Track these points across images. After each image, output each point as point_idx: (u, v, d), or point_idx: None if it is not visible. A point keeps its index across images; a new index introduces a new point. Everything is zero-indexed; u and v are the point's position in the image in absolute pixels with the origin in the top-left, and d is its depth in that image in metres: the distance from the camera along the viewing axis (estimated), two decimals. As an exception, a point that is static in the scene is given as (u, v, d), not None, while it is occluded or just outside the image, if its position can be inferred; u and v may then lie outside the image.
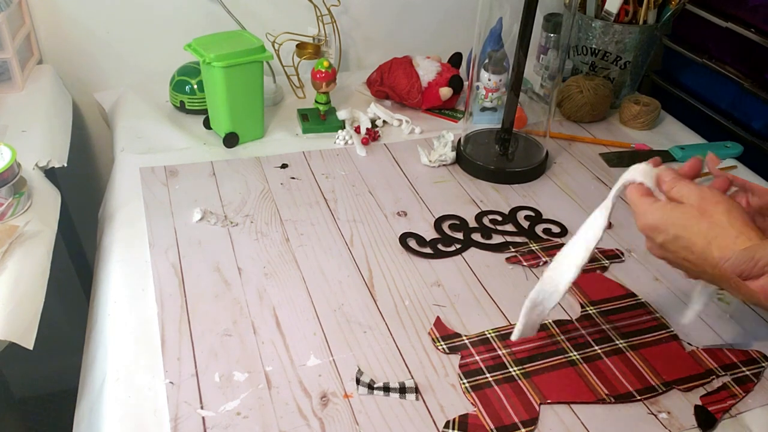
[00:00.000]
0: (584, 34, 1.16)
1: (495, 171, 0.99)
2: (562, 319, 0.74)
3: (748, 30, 1.11)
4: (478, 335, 0.71)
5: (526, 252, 0.84)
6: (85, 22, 1.14)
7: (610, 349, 0.70)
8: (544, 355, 0.69)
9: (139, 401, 0.63)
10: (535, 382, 0.66)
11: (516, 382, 0.66)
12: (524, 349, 0.70)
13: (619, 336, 0.72)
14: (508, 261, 0.82)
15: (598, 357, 0.69)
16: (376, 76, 1.17)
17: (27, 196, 0.83)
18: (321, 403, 0.63)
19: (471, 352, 0.69)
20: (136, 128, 1.07)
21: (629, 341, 0.71)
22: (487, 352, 0.69)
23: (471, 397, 0.64)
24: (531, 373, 0.67)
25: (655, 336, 0.72)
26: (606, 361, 0.69)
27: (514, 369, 0.67)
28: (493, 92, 1.06)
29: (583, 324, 0.73)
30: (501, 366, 0.68)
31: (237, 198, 0.92)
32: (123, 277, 0.78)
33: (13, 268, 0.73)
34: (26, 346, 0.69)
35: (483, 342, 0.70)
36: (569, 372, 0.67)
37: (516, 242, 0.86)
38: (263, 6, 1.20)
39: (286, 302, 0.75)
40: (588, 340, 0.71)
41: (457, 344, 0.70)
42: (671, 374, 0.67)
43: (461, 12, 1.33)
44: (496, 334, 0.71)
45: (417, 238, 0.85)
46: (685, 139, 1.12)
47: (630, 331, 0.73)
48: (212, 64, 0.94)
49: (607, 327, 0.73)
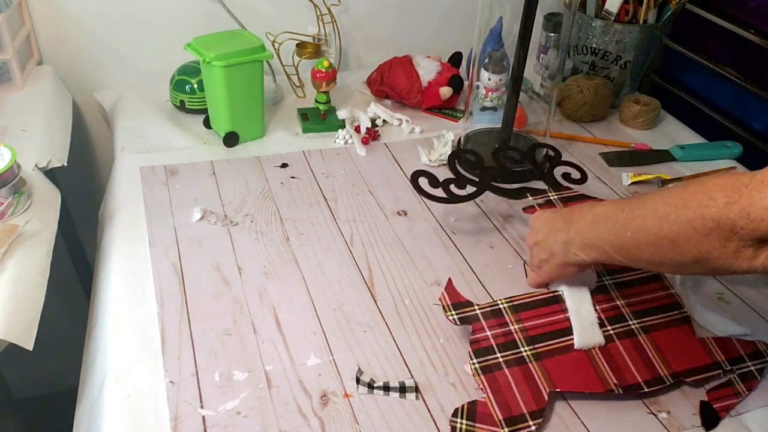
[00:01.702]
0: (584, 34, 1.15)
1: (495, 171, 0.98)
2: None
3: (747, 31, 1.11)
4: (490, 305, 0.70)
5: (543, 203, 0.81)
6: (85, 22, 1.14)
7: (623, 330, 0.69)
8: (556, 334, 0.68)
9: (139, 401, 0.63)
10: (546, 367, 0.65)
11: (526, 365, 0.65)
12: (536, 325, 0.68)
13: (633, 315, 0.71)
14: (525, 211, 0.80)
15: (610, 339, 0.68)
16: (376, 75, 1.17)
17: (27, 196, 0.83)
18: (321, 403, 0.63)
19: (482, 326, 0.68)
20: (136, 128, 1.07)
21: (642, 322, 0.70)
22: (499, 327, 0.68)
23: (480, 381, 0.64)
24: (542, 355, 0.66)
25: (669, 316, 0.71)
26: (617, 344, 0.68)
27: (525, 349, 0.66)
28: (493, 92, 1.06)
29: (598, 298, 0.71)
30: (512, 344, 0.66)
31: (237, 197, 0.92)
32: (123, 277, 0.78)
33: (13, 268, 0.73)
34: (26, 346, 0.69)
35: (495, 314, 0.69)
36: (580, 356, 0.67)
37: (534, 189, 0.83)
38: (263, 5, 1.20)
39: (286, 302, 0.75)
40: (602, 317, 0.70)
41: (469, 314, 0.68)
42: (680, 364, 0.67)
43: (461, 12, 1.33)
44: (508, 305, 0.70)
45: (429, 177, 0.80)
46: (685, 138, 1.12)
47: (644, 309, 0.71)
48: (212, 63, 0.94)
49: (622, 303, 0.71)
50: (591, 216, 0.64)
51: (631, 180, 0.99)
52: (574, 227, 0.65)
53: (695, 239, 0.51)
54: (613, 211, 0.60)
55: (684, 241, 0.52)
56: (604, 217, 0.61)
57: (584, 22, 1.14)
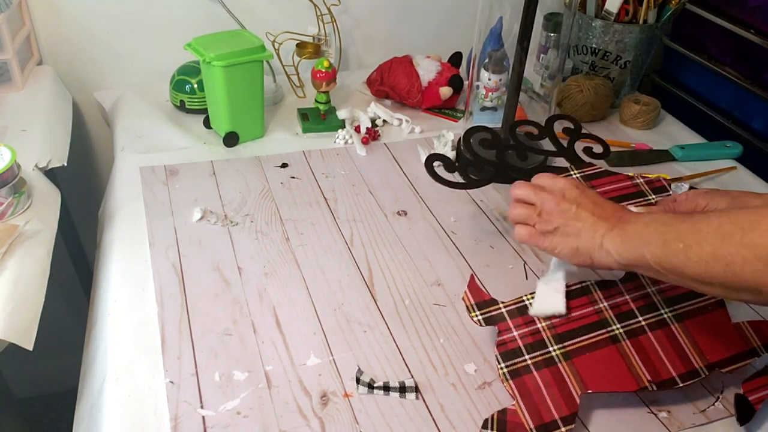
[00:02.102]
0: (584, 34, 1.16)
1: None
2: (606, 281, 0.69)
3: (747, 31, 1.11)
4: (515, 302, 0.67)
5: None
6: (85, 22, 1.14)
7: (655, 321, 0.66)
8: (586, 329, 0.65)
9: (139, 401, 0.63)
10: (576, 366, 0.63)
11: (556, 366, 0.63)
12: (563, 321, 0.65)
13: (665, 302, 0.67)
14: None
15: (642, 331, 0.65)
16: (376, 75, 1.17)
17: (27, 196, 0.83)
18: (321, 403, 0.63)
19: (509, 326, 0.65)
20: (136, 128, 1.07)
21: (675, 310, 0.67)
22: (526, 325, 0.65)
23: (509, 387, 0.62)
24: (571, 353, 0.63)
25: (703, 301, 0.68)
26: (650, 336, 0.65)
27: (555, 348, 0.64)
28: (493, 92, 1.06)
29: (628, 286, 0.68)
30: (540, 344, 0.64)
31: (237, 197, 0.92)
32: (123, 277, 0.78)
33: (13, 268, 0.73)
34: (26, 347, 0.69)
35: (521, 311, 0.66)
36: (611, 352, 0.64)
37: (554, 167, 0.78)
38: (263, 5, 1.20)
39: (286, 302, 0.75)
40: (632, 308, 0.67)
41: (494, 314, 0.66)
42: (715, 354, 0.64)
43: (461, 12, 1.33)
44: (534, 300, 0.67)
45: (444, 161, 0.75)
46: (685, 138, 1.12)
47: (676, 295, 0.68)
48: (212, 63, 0.94)
49: (653, 290, 0.68)
50: (647, 219, 0.59)
51: (631, 180, 0.99)
52: (623, 226, 0.60)
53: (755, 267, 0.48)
54: (673, 219, 0.56)
55: (741, 266, 0.49)
56: (660, 223, 0.57)
57: (584, 22, 1.14)
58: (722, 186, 1.00)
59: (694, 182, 0.99)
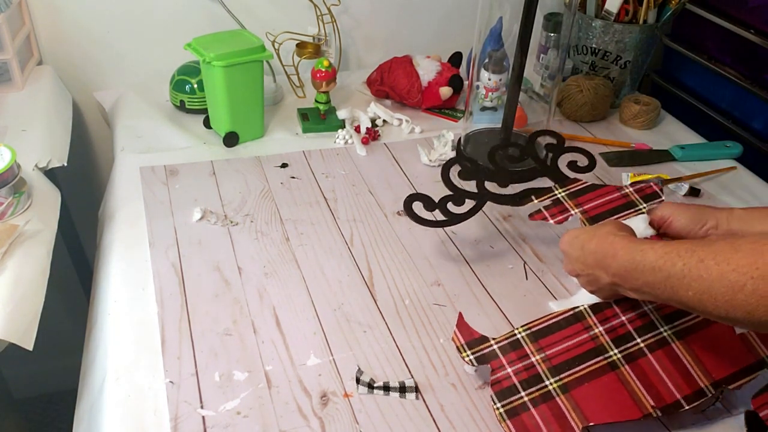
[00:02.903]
0: (584, 34, 1.16)
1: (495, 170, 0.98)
2: (601, 303, 0.66)
3: (747, 31, 1.11)
4: (507, 337, 0.65)
5: (551, 204, 0.75)
6: (85, 22, 1.14)
7: (654, 341, 0.63)
8: (582, 358, 0.62)
9: (139, 401, 0.63)
10: (575, 399, 0.60)
11: (554, 401, 0.60)
12: (559, 351, 0.63)
13: (663, 320, 0.64)
14: (532, 218, 0.74)
15: (641, 353, 0.63)
16: (376, 75, 1.17)
17: (27, 196, 0.83)
18: (321, 403, 0.63)
19: (501, 363, 0.62)
20: (136, 128, 1.07)
21: (674, 327, 0.64)
22: (519, 360, 0.62)
23: (507, 427, 0.59)
24: (569, 385, 0.61)
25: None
26: (650, 358, 0.62)
27: (551, 381, 0.61)
28: (493, 92, 1.06)
29: (623, 306, 0.66)
30: (536, 379, 0.61)
31: (237, 197, 0.92)
32: (123, 277, 0.78)
33: (13, 268, 0.73)
34: (26, 347, 0.69)
35: (513, 346, 0.64)
36: (611, 379, 0.61)
37: (538, 189, 0.76)
38: (263, 5, 1.20)
39: (286, 302, 0.75)
40: (629, 329, 0.64)
41: (486, 352, 0.63)
42: (721, 370, 0.62)
43: (461, 12, 1.33)
44: (526, 333, 0.65)
45: (425, 200, 0.73)
46: (685, 138, 1.12)
47: (675, 310, 0.65)
48: (212, 63, 0.94)
49: (650, 308, 0.65)
50: (629, 263, 0.58)
51: (631, 180, 0.98)
52: (613, 271, 0.60)
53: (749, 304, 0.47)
54: (661, 262, 0.54)
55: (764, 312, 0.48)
56: (651, 269, 0.55)
57: (584, 22, 1.14)
58: (722, 186, 1.00)
59: (694, 182, 0.99)
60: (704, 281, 0.51)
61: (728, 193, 0.98)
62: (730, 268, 0.49)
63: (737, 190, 0.99)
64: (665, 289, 0.54)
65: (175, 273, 0.78)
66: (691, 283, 0.52)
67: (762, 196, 0.98)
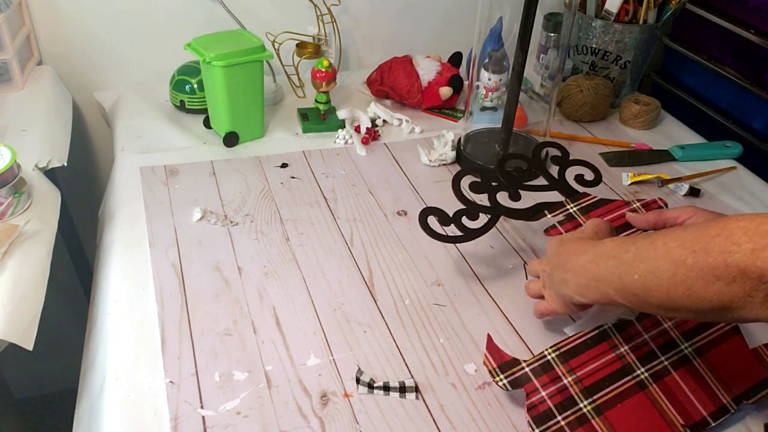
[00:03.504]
0: (584, 34, 1.16)
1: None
2: (623, 322, 0.68)
3: (747, 31, 1.11)
4: (537, 359, 0.64)
5: (564, 220, 0.76)
6: (85, 22, 1.14)
7: (677, 359, 0.65)
8: (612, 378, 0.63)
9: (139, 401, 0.63)
10: (610, 421, 0.61)
11: (590, 424, 0.61)
12: (588, 372, 0.64)
13: (683, 337, 0.66)
14: (548, 233, 0.74)
15: (666, 371, 0.64)
16: (376, 75, 1.17)
17: (27, 196, 0.83)
18: (321, 403, 0.63)
19: (535, 386, 0.62)
20: (136, 128, 1.07)
21: (693, 343, 0.66)
22: (552, 383, 0.63)
23: None
24: (602, 406, 0.61)
25: (717, 331, 0.67)
26: (674, 376, 0.64)
27: (585, 404, 0.62)
28: (493, 92, 1.06)
29: (644, 324, 0.67)
30: (570, 402, 0.62)
31: (237, 197, 0.92)
32: (123, 277, 0.78)
33: (13, 268, 0.73)
34: (26, 347, 0.69)
35: (544, 368, 0.64)
36: (641, 399, 0.62)
37: (549, 203, 0.77)
38: (263, 5, 1.20)
39: (286, 302, 0.75)
40: (653, 348, 0.66)
41: (519, 375, 0.63)
42: (740, 385, 0.64)
43: (461, 12, 1.33)
44: (556, 354, 0.65)
45: (439, 214, 0.73)
46: (685, 138, 1.12)
47: (692, 327, 0.67)
48: (212, 63, 0.94)
49: (669, 326, 0.67)
50: (591, 255, 0.59)
51: (631, 180, 0.99)
52: (570, 266, 0.61)
53: (716, 287, 0.48)
54: (617, 250, 0.56)
55: (702, 288, 0.48)
56: (606, 257, 0.57)
57: (584, 22, 1.14)
58: (722, 186, 1.00)
59: (694, 182, 0.99)
60: (650, 261, 0.52)
61: (728, 193, 0.98)
62: (675, 245, 0.50)
63: (737, 190, 0.99)
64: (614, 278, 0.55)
65: (175, 273, 0.78)
66: (639, 266, 0.53)
67: (762, 196, 0.98)
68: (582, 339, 0.66)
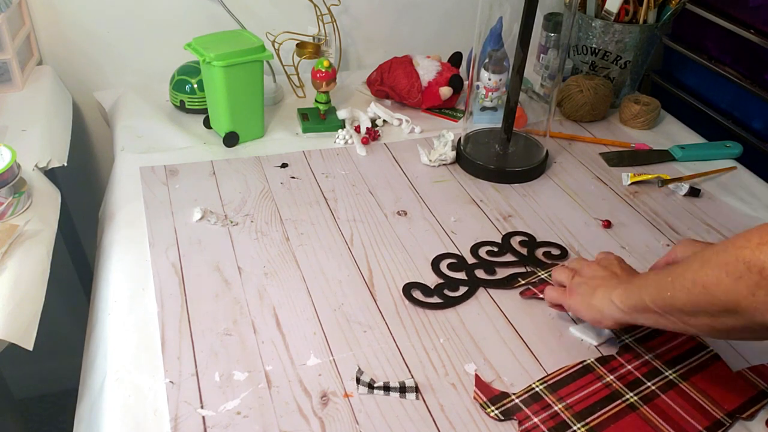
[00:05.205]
0: (584, 34, 1.16)
1: (495, 170, 0.99)
2: (605, 356, 0.70)
3: (747, 31, 1.11)
4: (525, 391, 0.65)
5: (537, 282, 0.79)
6: (85, 22, 1.14)
7: (663, 383, 0.67)
8: (602, 403, 0.64)
9: (139, 401, 0.63)
10: None
11: None
12: (578, 399, 0.64)
13: (665, 365, 0.68)
14: (523, 295, 0.78)
15: (655, 395, 0.65)
16: (376, 75, 1.17)
17: (27, 196, 0.83)
18: (321, 403, 0.63)
19: (527, 414, 0.63)
20: (136, 128, 1.07)
21: (677, 370, 0.68)
22: (543, 410, 0.63)
23: None
24: (597, 428, 0.62)
25: (699, 358, 0.69)
26: (664, 398, 0.65)
27: (578, 427, 0.62)
28: (493, 92, 1.06)
29: (626, 357, 0.69)
30: (563, 425, 0.62)
31: (237, 197, 0.92)
32: (123, 277, 0.78)
33: (13, 268, 0.73)
34: (26, 347, 0.69)
35: (534, 398, 0.64)
36: (634, 419, 0.63)
37: (522, 273, 0.81)
38: (263, 5, 1.20)
39: (286, 302, 0.75)
40: (637, 376, 0.67)
41: (509, 406, 0.64)
42: (730, 402, 0.65)
43: (461, 12, 1.33)
44: (544, 386, 0.66)
45: (421, 288, 0.78)
46: (685, 138, 1.12)
47: (673, 357, 0.69)
48: (212, 63, 0.94)
49: (650, 357, 0.69)
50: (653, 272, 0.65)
51: (631, 180, 0.99)
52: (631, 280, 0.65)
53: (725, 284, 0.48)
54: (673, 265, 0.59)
55: (715, 285, 0.49)
56: (655, 274, 0.61)
57: (584, 22, 1.14)
58: (722, 186, 1.00)
59: (694, 182, 0.99)
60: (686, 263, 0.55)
61: (728, 193, 0.98)
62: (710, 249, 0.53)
63: (737, 190, 0.99)
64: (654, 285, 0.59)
65: (175, 273, 0.78)
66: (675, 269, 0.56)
67: (762, 196, 0.98)
68: (567, 372, 0.68)
